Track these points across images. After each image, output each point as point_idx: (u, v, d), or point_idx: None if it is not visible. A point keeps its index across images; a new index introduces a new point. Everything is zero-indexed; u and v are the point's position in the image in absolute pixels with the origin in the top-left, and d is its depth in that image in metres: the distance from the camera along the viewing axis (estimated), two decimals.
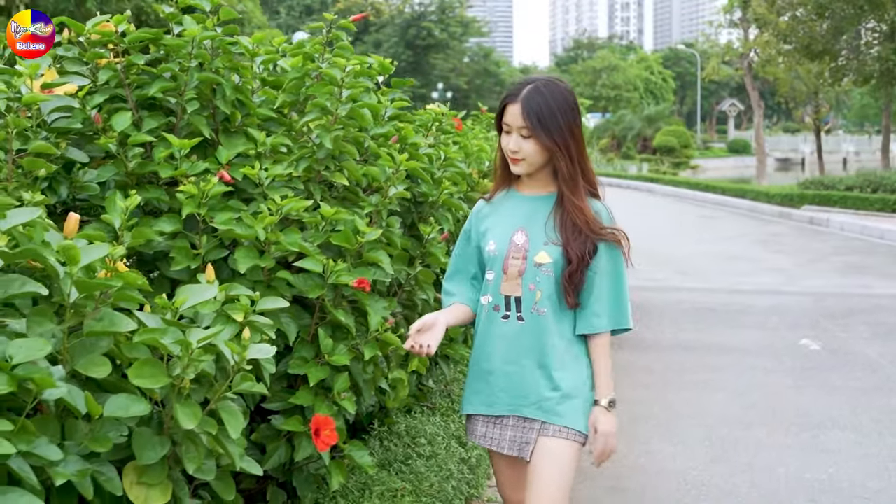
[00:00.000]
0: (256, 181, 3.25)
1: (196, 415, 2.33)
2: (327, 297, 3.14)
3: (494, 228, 2.94)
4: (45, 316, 2.27)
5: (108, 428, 2.29)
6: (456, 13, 77.14)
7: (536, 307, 2.82)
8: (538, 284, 2.82)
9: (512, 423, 2.88)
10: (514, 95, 2.80)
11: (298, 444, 3.08)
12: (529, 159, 2.81)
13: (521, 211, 2.92)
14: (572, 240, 2.79)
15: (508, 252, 2.86)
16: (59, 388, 2.10)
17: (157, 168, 3.20)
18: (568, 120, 2.79)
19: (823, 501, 4.77)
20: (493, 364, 2.89)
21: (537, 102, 2.76)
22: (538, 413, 2.83)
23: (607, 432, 2.84)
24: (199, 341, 2.33)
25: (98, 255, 2.31)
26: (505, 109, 2.83)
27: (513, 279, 2.85)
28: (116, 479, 2.31)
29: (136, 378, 2.28)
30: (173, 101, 3.42)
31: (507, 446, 2.88)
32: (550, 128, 2.75)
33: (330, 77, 3.45)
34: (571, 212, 2.81)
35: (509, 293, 2.86)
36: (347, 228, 3.18)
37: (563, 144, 2.78)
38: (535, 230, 2.86)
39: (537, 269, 2.82)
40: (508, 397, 2.87)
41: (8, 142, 2.78)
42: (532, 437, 2.84)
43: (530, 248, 2.84)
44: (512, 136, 2.81)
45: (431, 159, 4.06)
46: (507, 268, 2.86)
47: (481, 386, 2.93)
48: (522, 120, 2.76)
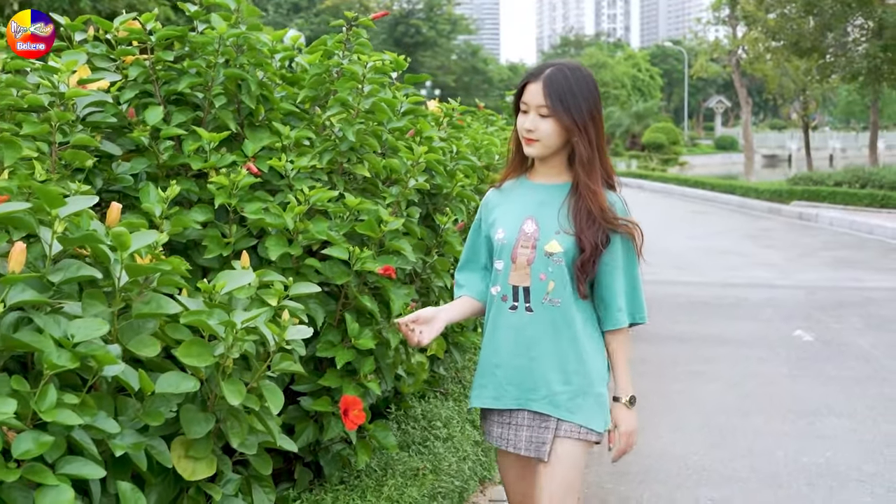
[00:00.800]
0: (282, 173, 3.38)
1: (241, 392, 2.47)
2: (352, 284, 3.27)
3: (503, 217, 2.85)
4: (98, 298, 2.39)
5: (158, 404, 2.42)
6: (444, 11, 77.30)
7: (549, 298, 2.73)
8: (549, 274, 2.73)
9: (527, 423, 2.78)
10: (536, 75, 2.72)
11: (326, 424, 3.21)
12: (545, 141, 2.71)
13: (532, 199, 2.82)
14: (586, 228, 2.70)
15: (517, 241, 2.77)
16: (119, 365, 2.23)
17: (187, 160, 3.33)
18: (589, 104, 2.70)
19: (821, 484, 4.92)
20: (501, 356, 2.81)
21: (559, 82, 2.67)
22: (549, 408, 2.74)
23: (629, 430, 2.79)
24: (242, 322, 2.46)
25: (147, 241, 2.44)
26: (524, 89, 2.74)
27: (521, 269, 2.75)
28: (167, 452, 2.45)
29: (185, 357, 2.41)
30: (200, 97, 3.54)
31: (524, 447, 2.79)
32: (571, 108, 2.67)
33: (352, 73, 3.58)
34: (586, 197, 2.71)
35: (517, 283, 2.77)
36: (371, 218, 3.31)
37: (583, 126, 2.69)
38: (546, 219, 2.76)
39: (548, 259, 2.72)
40: (516, 391, 2.78)
41: (51, 135, 2.90)
42: (548, 436, 2.75)
43: (540, 237, 2.74)
44: (529, 115, 2.72)
45: (444, 152, 4.19)
46: (515, 257, 2.77)
47: (488, 379, 2.85)
48: (543, 98, 2.67)
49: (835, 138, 59.43)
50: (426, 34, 72.85)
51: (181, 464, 2.50)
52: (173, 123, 3.40)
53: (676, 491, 4.82)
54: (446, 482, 3.64)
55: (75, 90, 2.93)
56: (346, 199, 3.31)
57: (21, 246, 2.12)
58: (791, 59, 28.28)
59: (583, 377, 2.76)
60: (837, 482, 4.95)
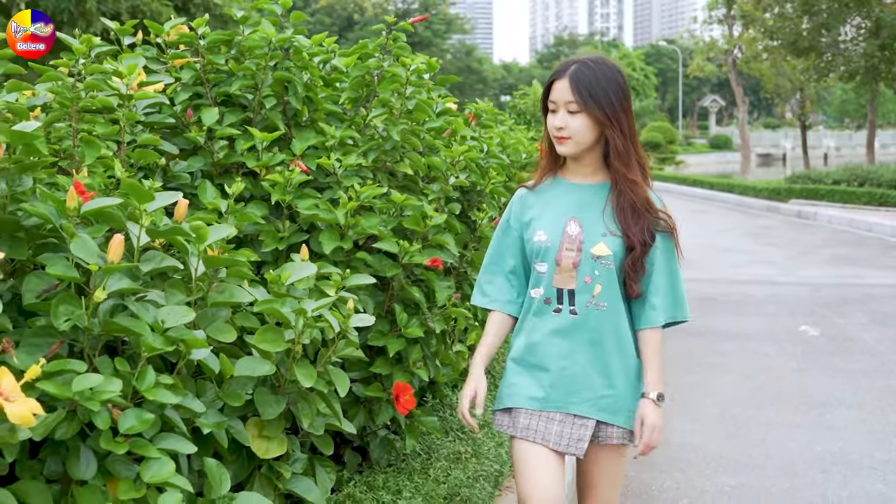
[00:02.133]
0: (330, 170, 3.54)
1: (312, 375, 2.63)
2: (400, 276, 3.44)
3: (542, 218, 2.78)
4: (178, 288, 2.56)
5: (235, 387, 2.58)
6: (439, 10, 77.43)
7: (595, 301, 2.69)
8: (596, 278, 2.68)
9: (559, 419, 2.72)
10: (562, 72, 2.67)
11: (378, 409, 3.38)
12: (576, 137, 2.66)
13: (572, 199, 2.77)
14: (633, 224, 2.67)
15: (562, 243, 2.71)
16: (205, 349, 2.40)
17: (241, 159, 3.49)
18: (619, 95, 2.65)
19: (835, 471, 5.09)
20: (543, 359, 2.74)
21: (586, 76, 2.63)
22: (592, 411, 2.71)
23: (655, 425, 2.70)
24: (313, 310, 2.62)
25: (222, 234, 2.61)
26: (551, 87, 2.70)
27: (566, 271, 2.70)
28: (244, 431, 2.61)
29: (260, 342, 2.57)
30: (250, 98, 3.70)
31: (554, 440, 2.70)
32: (601, 100, 2.62)
33: (395, 75, 3.74)
34: (627, 191, 2.69)
35: (562, 286, 2.71)
36: (416, 213, 3.48)
37: (615, 118, 2.64)
38: (591, 220, 2.71)
39: (595, 262, 2.67)
40: (559, 394, 2.72)
41: (121, 135, 3.06)
42: (586, 434, 2.71)
43: (585, 240, 2.69)
44: (558, 113, 2.67)
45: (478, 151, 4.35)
46: (560, 259, 2.70)
47: (526, 381, 2.77)
48: (570, 94, 2.63)
49: (829, 137, 59.60)
50: (421, 34, 72.96)
51: (255, 443, 2.66)
52: (225, 124, 3.56)
53: (696, 478, 4.99)
54: (487, 465, 3.81)
55: (143, 93, 3.09)
56: (393, 196, 3.47)
57: (120, 238, 2.27)
58: (789, 58, 28.49)
59: (627, 380, 2.74)
60: (851, 470, 5.12)
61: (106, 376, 2.09)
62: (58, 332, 2.21)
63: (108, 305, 2.31)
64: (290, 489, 2.73)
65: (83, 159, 2.79)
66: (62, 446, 2.19)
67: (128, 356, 2.40)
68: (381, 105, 3.75)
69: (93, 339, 2.28)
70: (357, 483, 3.34)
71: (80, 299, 2.20)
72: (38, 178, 2.54)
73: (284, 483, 2.73)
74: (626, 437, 2.76)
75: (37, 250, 2.41)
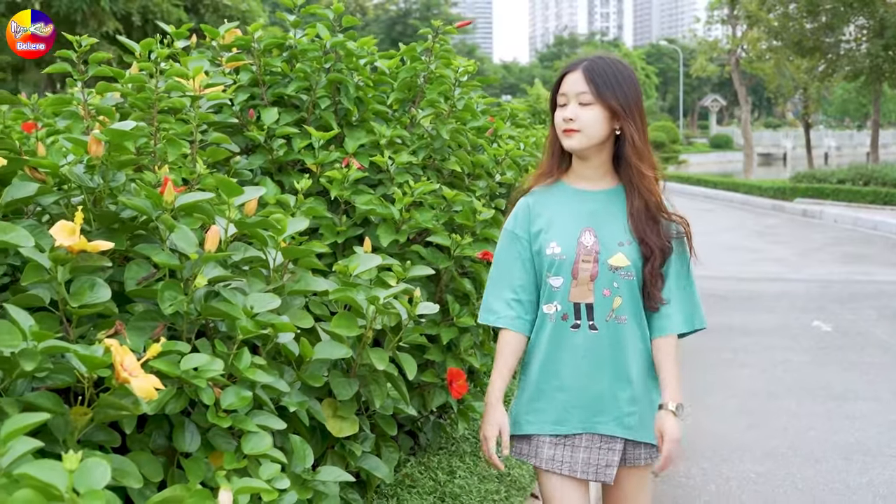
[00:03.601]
0: (383, 167, 3.72)
1: (384, 359, 2.81)
2: (452, 268, 3.61)
3: (553, 228, 2.64)
4: (259, 277, 2.74)
5: (313, 369, 2.75)
6: (440, 10, 77.66)
7: (615, 315, 2.57)
8: (615, 290, 2.56)
9: (585, 444, 2.61)
10: (575, 65, 2.59)
11: (431, 394, 3.55)
12: (586, 130, 2.53)
13: (585, 208, 2.63)
14: (649, 230, 2.57)
15: (578, 255, 2.57)
16: (291, 333, 2.57)
17: (298, 156, 3.66)
18: (633, 91, 2.57)
19: (856, 459, 5.27)
20: (564, 380, 2.61)
21: (601, 67, 2.54)
22: (619, 430, 2.59)
23: (675, 439, 2.53)
24: (384, 297, 2.80)
25: (299, 227, 2.79)
26: (562, 80, 2.60)
27: (584, 284, 2.57)
28: (322, 411, 2.78)
29: (336, 328, 2.75)
30: (304, 98, 3.88)
31: (581, 469, 2.60)
32: (616, 92, 2.53)
33: (443, 77, 3.92)
34: (642, 191, 2.58)
35: (579, 300, 2.58)
36: (466, 209, 3.65)
37: (629, 110, 2.54)
38: (606, 230, 2.59)
39: (614, 274, 2.56)
40: (583, 414, 2.60)
41: (193, 134, 3.23)
42: (614, 459, 2.60)
43: (601, 250, 2.57)
44: (569, 106, 2.56)
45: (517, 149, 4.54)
46: (576, 272, 2.57)
47: (547, 404, 2.64)
48: (584, 84, 2.53)
49: (830, 136, 59.79)
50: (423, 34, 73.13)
51: (330, 422, 2.84)
52: (282, 123, 3.74)
53: (722, 465, 5.17)
54: None
55: (216, 94, 3.25)
56: (444, 192, 3.65)
57: (216, 229, 2.45)
58: (793, 58, 28.68)
59: (649, 395, 2.63)
60: (870, 457, 5.30)
61: (209, 356, 2.26)
62: (161, 315, 2.39)
63: (202, 292, 2.49)
64: (360, 466, 2.91)
65: (165, 156, 2.96)
66: (165, 421, 2.37)
67: (215, 339, 2.57)
68: (428, 105, 3.92)
69: (190, 322, 2.45)
70: (413, 464, 3.51)
71: (181, 286, 2.38)
72: (129, 174, 2.72)
73: (355, 460, 2.91)
74: (653, 456, 2.64)
75: (132, 241, 2.58)
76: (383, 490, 3.32)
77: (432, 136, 3.89)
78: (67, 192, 2.53)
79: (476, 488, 3.55)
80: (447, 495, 3.38)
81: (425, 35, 4.10)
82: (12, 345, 1.87)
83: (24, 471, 1.50)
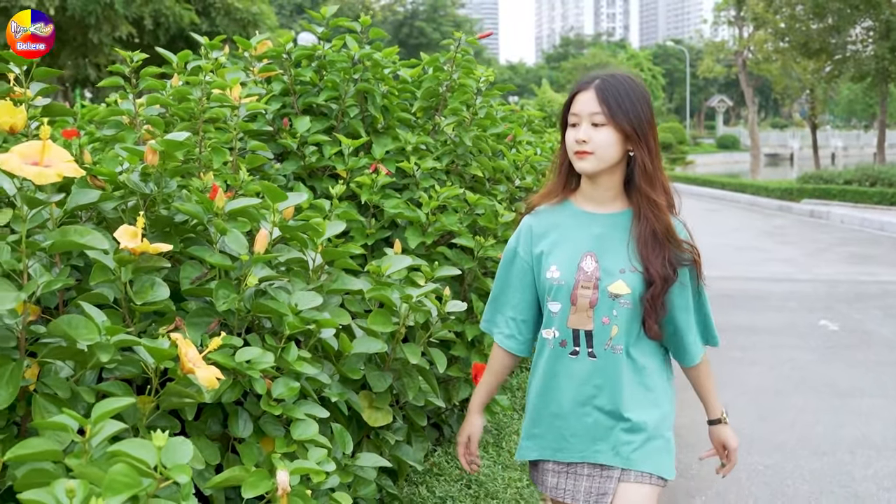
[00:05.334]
0: (409, 173, 3.91)
1: (417, 353, 3.00)
2: (476, 269, 3.81)
3: (555, 251, 2.56)
4: (300, 277, 2.93)
5: (351, 363, 2.95)
6: (447, 12, 77.98)
7: (612, 344, 2.48)
8: (613, 319, 2.47)
9: (587, 473, 2.55)
10: (586, 83, 2.49)
11: (456, 388, 3.75)
12: (599, 152, 2.43)
13: (588, 231, 2.55)
14: (653, 257, 2.47)
15: (577, 281, 2.49)
16: (331, 329, 2.77)
17: (329, 163, 3.86)
18: (646, 112, 2.48)
19: (861, 453, 5.45)
20: (563, 407, 2.55)
21: (614, 86, 2.45)
22: (616, 460, 2.51)
23: (736, 447, 2.76)
24: (417, 296, 2.99)
25: (337, 230, 2.99)
26: (574, 100, 2.51)
27: (582, 311, 2.49)
28: (359, 402, 2.98)
29: (373, 324, 2.95)
30: (334, 107, 4.08)
31: (583, 498, 2.54)
32: (629, 113, 2.43)
33: (465, 86, 4.12)
34: (650, 217, 2.48)
35: (578, 326, 2.50)
36: (489, 212, 3.85)
37: (643, 134, 2.45)
38: (609, 255, 2.50)
39: (614, 301, 2.47)
40: (581, 443, 2.54)
41: (233, 141, 3.43)
42: (611, 486, 2.52)
43: (602, 277, 2.48)
44: (581, 126, 2.46)
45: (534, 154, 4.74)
46: (575, 299, 2.49)
47: (546, 430, 2.60)
48: (597, 105, 2.43)
49: (836, 137, 59.76)
50: (430, 36, 73.49)
51: (366, 413, 3.03)
52: (313, 131, 3.94)
53: None
54: None
55: (255, 104, 3.45)
56: (467, 196, 3.84)
57: (264, 232, 2.65)
58: (799, 59, 28.84)
59: (650, 424, 2.53)
60: (875, 451, 5.48)
61: (261, 350, 2.46)
62: (215, 312, 2.59)
63: (251, 291, 2.68)
64: (393, 454, 3.10)
65: (210, 164, 3.16)
66: (220, 410, 2.57)
67: (265, 334, 2.77)
68: (451, 113, 4.12)
69: (240, 319, 2.65)
70: (440, 454, 3.71)
71: (233, 285, 2.58)
72: (178, 181, 2.91)
73: (389, 448, 3.11)
74: (654, 480, 2.53)
75: (183, 243, 2.77)
76: (413, 478, 3.52)
77: (455, 143, 4.08)
78: (124, 198, 2.71)
79: (500, 476, 3.76)
80: (473, 482, 3.58)
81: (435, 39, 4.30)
82: (89, 338, 2.06)
83: (118, 448, 1.70)
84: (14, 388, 2.03)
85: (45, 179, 2.08)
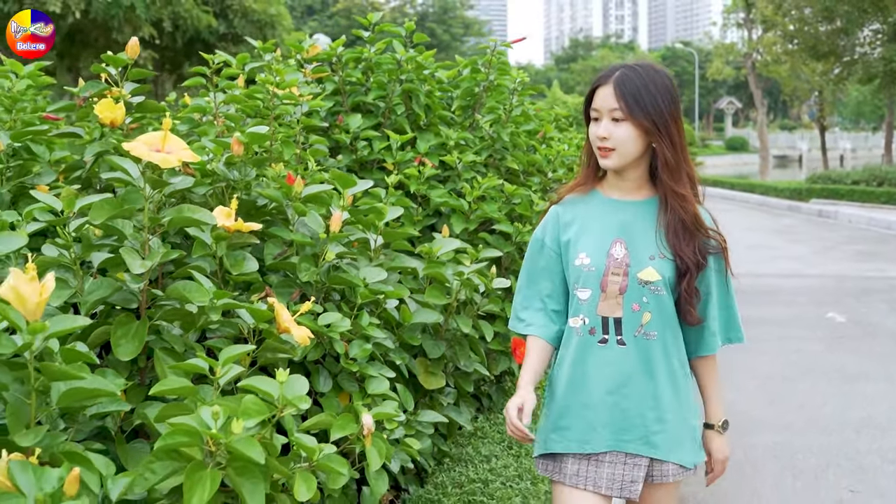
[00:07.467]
0: (451, 165, 4.28)
1: (468, 324, 3.37)
2: (513, 252, 4.18)
3: (583, 238, 2.54)
4: (363, 254, 3.29)
5: (409, 332, 3.31)
6: (457, 14, 78.37)
7: (644, 330, 2.46)
8: (645, 305, 2.45)
9: (609, 460, 2.50)
10: (606, 77, 2.46)
11: (496, 361, 4.11)
12: (621, 148, 2.43)
13: (616, 218, 2.53)
14: (684, 245, 2.46)
15: (607, 267, 2.47)
16: (396, 301, 3.13)
17: (379, 156, 4.23)
18: (667, 103, 2.43)
19: (866, 432, 5.80)
20: (591, 395, 2.49)
21: (632, 81, 2.41)
22: (644, 448, 2.48)
23: (725, 458, 2.64)
24: (468, 273, 3.36)
25: (397, 214, 3.34)
26: (594, 94, 2.49)
27: (612, 298, 2.46)
28: (416, 367, 3.35)
29: (429, 297, 3.31)
30: (381, 105, 4.45)
31: (605, 485, 2.49)
32: (648, 107, 2.39)
33: (502, 86, 4.49)
34: (677, 207, 2.46)
35: (608, 314, 2.47)
36: (525, 201, 4.22)
37: (664, 127, 2.41)
38: (638, 242, 2.49)
39: (643, 288, 2.45)
40: (610, 432, 2.48)
41: (297, 136, 3.80)
42: (639, 475, 2.49)
43: (632, 263, 2.46)
44: (602, 122, 2.44)
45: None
46: (605, 285, 2.46)
47: (573, 421, 2.52)
48: (615, 101, 2.41)
49: (845, 139, 60.01)
50: (440, 37, 73.92)
51: (423, 377, 3.40)
52: (363, 128, 4.31)
53: (745, 436, 5.71)
54: None
55: (318, 102, 3.82)
56: (505, 187, 4.21)
57: (339, 214, 3.02)
58: (808, 61, 29.15)
59: (678, 413, 2.51)
60: (880, 430, 5.83)
61: (339, 315, 2.83)
62: (296, 283, 2.97)
63: (327, 265, 3.05)
64: (446, 414, 3.47)
65: (281, 155, 3.53)
66: (301, 368, 2.94)
67: (340, 303, 3.13)
68: (489, 112, 4.49)
69: (317, 290, 3.02)
70: (483, 419, 4.08)
71: (313, 259, 2.95)
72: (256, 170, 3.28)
73: (441, 410, 3.48)
74: (681, 473, 2.53)
75: (264, 224, 3.14)
76: (460, 440, 3.89)
77: (493, 139, 4.45)
78: (213, 184, 3.08)
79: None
80: (514, 443, 3.94)
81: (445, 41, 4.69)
82: (202, 300, 2.43)
83: (248, 383, 2.07)
84: (140, 342, 2.40)
85: (169, 164, 2.45)
